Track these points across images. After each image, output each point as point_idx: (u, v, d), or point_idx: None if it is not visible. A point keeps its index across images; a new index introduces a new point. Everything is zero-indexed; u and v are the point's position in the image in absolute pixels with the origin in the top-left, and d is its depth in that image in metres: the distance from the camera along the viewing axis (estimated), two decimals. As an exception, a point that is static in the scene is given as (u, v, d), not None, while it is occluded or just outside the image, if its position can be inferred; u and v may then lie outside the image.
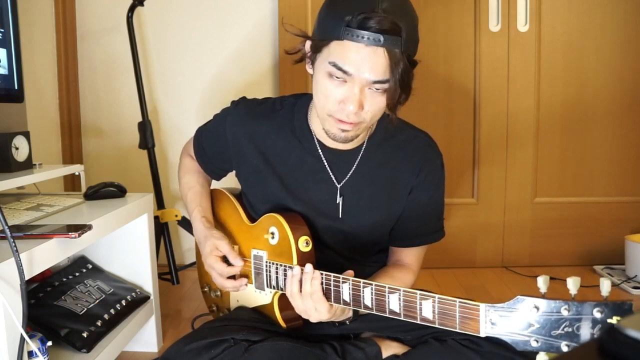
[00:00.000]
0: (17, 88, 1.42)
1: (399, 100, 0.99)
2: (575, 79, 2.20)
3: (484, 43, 2.16)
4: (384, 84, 0.96)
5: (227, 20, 2.18)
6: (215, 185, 1.37)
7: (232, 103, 1.24)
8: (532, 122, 2.21)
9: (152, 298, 1.50)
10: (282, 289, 1.10)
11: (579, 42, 2.18)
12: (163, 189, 2.01)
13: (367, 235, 1.18)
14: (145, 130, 1.94)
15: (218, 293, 1.34)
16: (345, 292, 0.97)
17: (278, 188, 1.16)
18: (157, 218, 1.90)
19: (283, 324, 1.13)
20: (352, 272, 1.01)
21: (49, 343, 1.08)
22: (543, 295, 0.74)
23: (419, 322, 0.88)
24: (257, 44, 2.19)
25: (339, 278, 0.97)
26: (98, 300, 1.34)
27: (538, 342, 0.73)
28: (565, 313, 0.71)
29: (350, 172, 1.14)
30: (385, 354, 1.12)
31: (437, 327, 0.86)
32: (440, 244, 1.23)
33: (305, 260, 1.04)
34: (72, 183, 2.14)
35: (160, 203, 1.98)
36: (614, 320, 0.67)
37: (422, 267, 1.24)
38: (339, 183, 1.14)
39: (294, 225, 1.09)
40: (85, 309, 1.29)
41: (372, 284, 0.93)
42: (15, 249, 0.88)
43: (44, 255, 1.00)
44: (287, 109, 1.18)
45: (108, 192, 1.43)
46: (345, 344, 1.11)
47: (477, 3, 2.14)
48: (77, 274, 1.41)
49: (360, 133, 1.07)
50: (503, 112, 2.20)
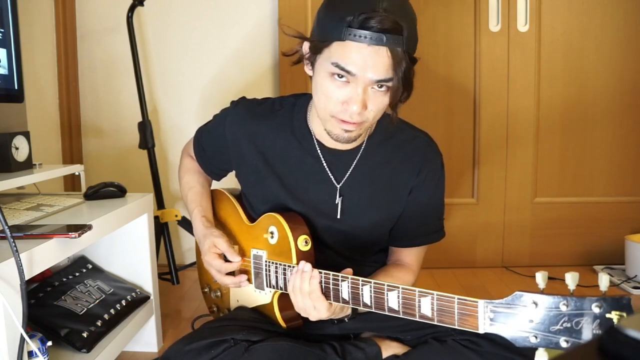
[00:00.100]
0: (17, 88, 1.42)
1: (401, 98, 0.99)
2: (575, 79, 2.20)
3: (484, 43, 2.16)
4: (388, 83, 0.96)
5: (227, 20, 2.18)
6: (215, 186, 1.37)
7: (231, 103, 1.24)
8: (532, 122, 2.21)
9: (152, 298, 1.50)
10: (281, 289, 1.10)
11: (579, 42, 2.18)
12: (163, 189, 2.01)
13: (366, 236, 1.18)
14: (145, 130, 1.94)
15: (218, 293, 1.34)
16: (345, 290, 0.97)
17: (277, 188, 1.16)
18: (157, 218, 1.90)
19: (283, 324, 1.13)
20: (350, 270, 1.01)
21: (49, 343, 1.08)
22: (542, 291, 0.74)
23: (418, 319, 0.88)
24: (257, 44, 2.19)
25: (338, 276, 0.97)
26: (98, 300, 1.34)
27: (537, 337, 0.73)
28: (564, 308, 0.71)
29: (349, 172, 1.14)
30: (385, 354, 1.12)
31: (436, 325, 0.86)
32: (440, 244, 1.23)
33: (305, 260, 1.04)
34: (72, 183, 2.14)
35: (160, 203, 1.98)
36: (613, 315, 0.68)
37: (422, 267, 1.24)
38: (339, 183, 1.14)
39: (293, 225, 1.09)
40: (85, 309, 1.29)
41: (370, 282, 0.93)
42: (15, 249, 0.88)
43: (44, 255, 1.00)
44: (286, 109, 1.18)
45: (108, 192, 1.43)
46: (345, 344, 1.11)
47: (477, 3, 2.14)
48: (77, 274, 1.41)
49: (363, 132, 1.07)
50: (503, 112, 2.20)
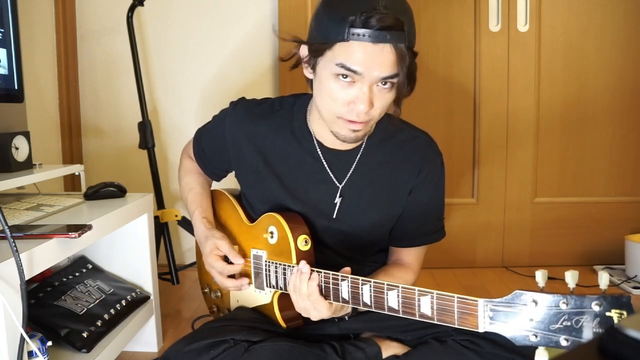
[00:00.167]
0: (17, 88, 1.42)
1: (404, 93, 1.00)
2: (575, 79, 2.20)
3: (484, 43, 2.16)
4: (393, 79, 0.97)
5: (227, 20, 2.18)
6: (215, 186, 1.37)
7: (230, 104, 1.24)
8: (532, 122, 2.21)
9: (152, 298, 1.50)
10: (281, 289, 1.10)
11: (579, 42, 2.18)
12: (163, 189, 2.01)
13: (367, 235, 1.18)
14: (145, 130, 1.94)
15: (218, 294, 1.34)
16: (344, 289, 0.97)
17: (277, 188, 1.16)
18: (157, 218, 1.90)
19: (283, 324, 1.13)
20: (348, 269, 1.01)
21: (49, 343, 1.08)
22: (541, 290, 0.74)
23: (418, 318, 0.88)
24: (257, 44, 2.19)
25: (338, 276, 0.97)
26: (98, 300, 1.34)
27: (537, 336, 0.73)
28: (564, 307, 0.71)
29: (350, 172, 1.14)
30: (385, 354, 1.12)
31: (437, 325, 0.86)
32: (440, 244, 1.23)
33: (305, 259, 1.04)
34: (72, 183, 2.14)
35: (160, 203, 1.98)
36: (613, 314, 0.68)
37: (422, 267, 1.24)
38: (340, 183, 1.14)
39: (293, 225, 1.09)
40: (85, 309, 1.29)
41: (370, 281, 0.93)
42: (15, 249, 0.88)
43: (44, 255, 1.00)
44: (286, 109, 1.18)
45: (108, 192, 1.43)
46: (345, 344, 1.11)
47: (477, 3, 2.14)
48: (77, 274, 1.41)
49: (368, 130, 1.07)
50: (503, 112, 2.20)
